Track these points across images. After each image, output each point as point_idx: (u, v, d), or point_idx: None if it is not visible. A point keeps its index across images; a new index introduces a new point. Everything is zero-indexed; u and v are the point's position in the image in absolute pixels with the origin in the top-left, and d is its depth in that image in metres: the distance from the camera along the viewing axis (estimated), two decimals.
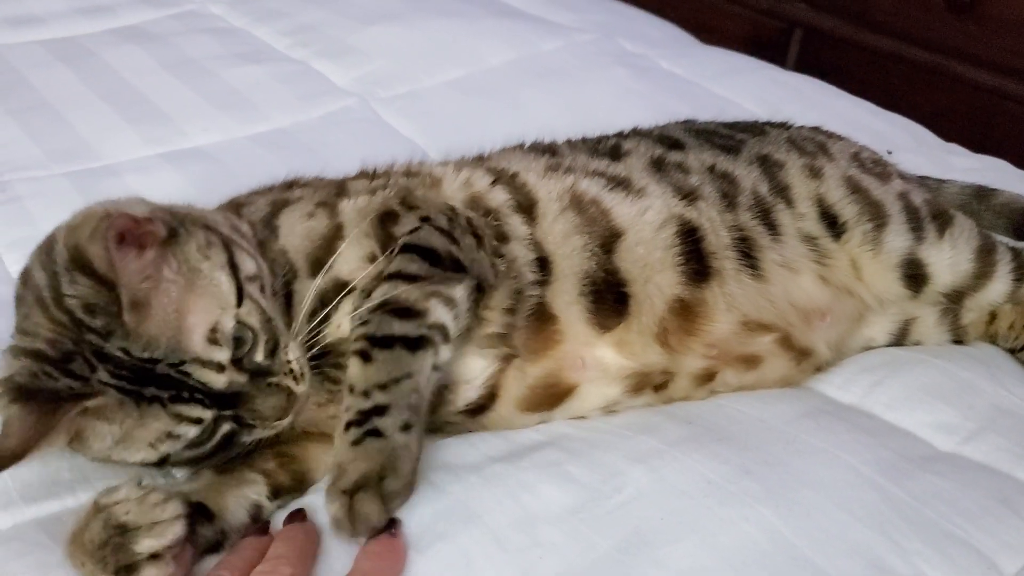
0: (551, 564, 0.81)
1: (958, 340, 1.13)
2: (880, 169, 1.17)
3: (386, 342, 0.85)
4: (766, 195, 1.08)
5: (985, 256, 1.11)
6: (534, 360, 0.97)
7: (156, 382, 0.81)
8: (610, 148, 1.14)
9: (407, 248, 0.93)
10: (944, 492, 0.88)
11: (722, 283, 1.01)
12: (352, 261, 0.93)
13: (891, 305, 1.10)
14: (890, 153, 1.37)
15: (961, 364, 1.06)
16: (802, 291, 1.05)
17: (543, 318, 0.97)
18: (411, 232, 0.94)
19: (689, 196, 1.05)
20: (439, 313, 0.89)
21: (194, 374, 0.81)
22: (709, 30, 2.15)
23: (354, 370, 0.85)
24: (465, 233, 0.96)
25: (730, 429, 0.95)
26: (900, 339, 1.12)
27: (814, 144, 1.17)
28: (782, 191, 1.09)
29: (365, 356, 0.85)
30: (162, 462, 0.86)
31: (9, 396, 0.79)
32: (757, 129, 1.21)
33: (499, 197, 1.03)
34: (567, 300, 0.98)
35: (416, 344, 0.86)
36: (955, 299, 1.11)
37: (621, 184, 1.06)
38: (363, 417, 0.82)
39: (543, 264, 0.99)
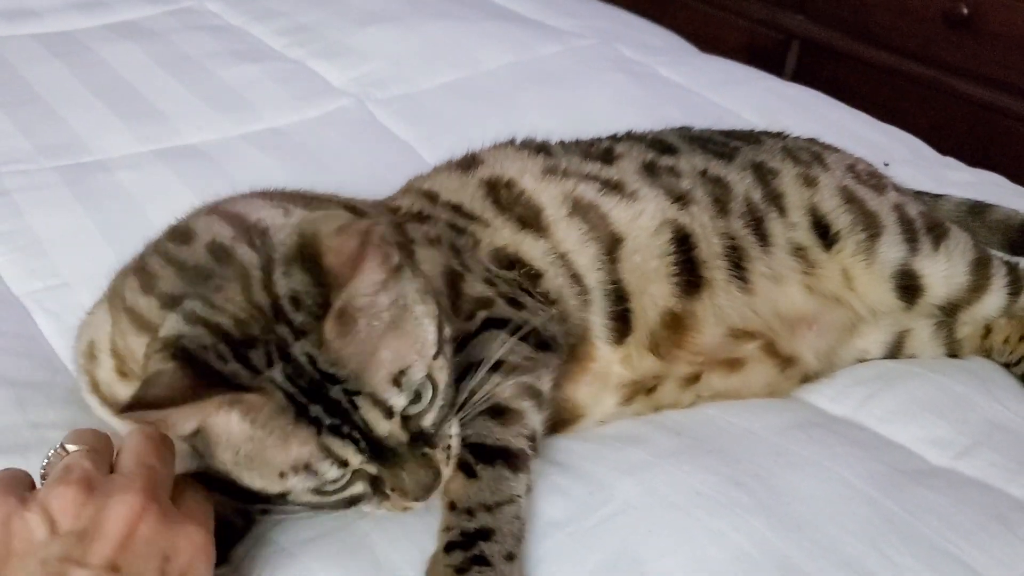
0: None
1: (953, 354, 1.12)
2: (875, 181, 1.17)
3: (489, 456, 0.80)
4: (759, 202, 1.07)
5: (981, 269, 1.10)
6: (557, 389, 0.94)
7: (324, 403, 0.72)
8: (602, 151, 1.13)
9: (489, 325, 0.87)
10: (937, 507, 0.87)
11: (712, 295, 1.00)
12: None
13: (884, 316, 1.10)
14: (887, 165, 1.36)
15: (956, 378, 1.05)
16: (788, 300, 1.04)
17: (582, 347, 0.96)
18: (482, 302, 0.89)
19: (681, 200, 1.04)
20: (531, 417, 0.85)
21: (362, 410, 0.73)
22: (706, 40, 2.15)
23: (456, 484, 0.79)
24: (526, 297, 0.93)
25: (719, 441, 0.94)
26: (894, 352, 1.11)
27: (809, 154, 1.16)
28: (775, 199, 1.08)
29: (468, 471, 0.79)
30: (275, 499, 0.77)
31: (171, 353, 0.71)
32: (752, 138, 1.21)
33: (506, 234, 0.99)
34: (599, 321, 0.96)
35: (516, 460, 0.81)
36: (950, 312, 1.10)
37: (614, 188, 1.05)
38: (468, 540, 0.76)
39: (578, 280, 0.97)
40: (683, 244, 1.01)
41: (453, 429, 0.80)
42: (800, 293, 1.05)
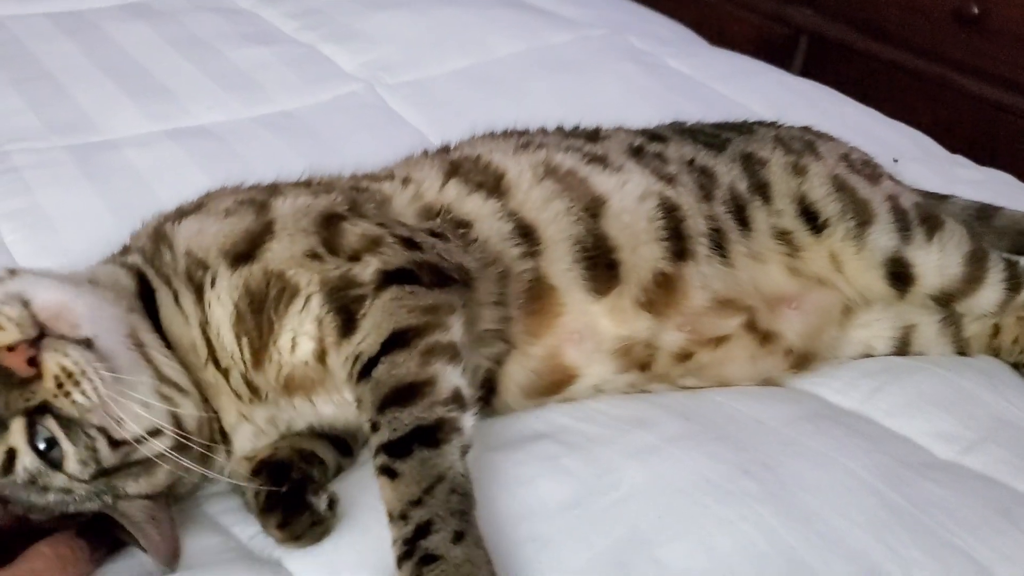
0: (546, 560, 0.81)
1: (961, 352, 1.13)
2: (870, 171, 1.18)
3: (404, 446, 0.79)
4: (743, 192, 1.09)
5: (976, 262, 1.10)
6: (535, 340, 0.96)
7: None
8: (588, 132, 1.15)
9: (385, 280, 0.87)
10: (943, 501, 0.88)
11: (697, 264, 1.02)
12: (285, 255, 0.88)
13: (880, 305, 1.10)
14: (896, 161, 1.37)
15: (963, 374, 1.05)
16: (769, 279, 1.06)
17: (541, 292, 0.97)
18: (372, 250, 0.89)
19: (667, 179, 1.06)
20: (447, 377, 0.83)
21: None
22: (715, 33, 2.14)
23: (385, 493, 0.79)
24: (425, 236, 0.94)
25: (728, 428, 0.94)
26: (902, 348, 1.12)
27: (802, 143, 1.17)
28: (760, 188, 1.10)
29: (389, 472, 0.79)
30: None
31: None
32: (745, 128, 1.22)
33: (451, 192, 1.01)
34: (563, 267, 0.98)
35: (435, 433, 0.80)
36: (945, 303, 1.10)
37: (598, 160, 1.07)
38: (411, 546, 0.75)
39: (527, 233, 0.98)
40: (671, 213, 1.03)
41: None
42: (781, 273, 1.07)
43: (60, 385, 0.78)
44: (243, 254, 0.89)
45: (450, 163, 1.05)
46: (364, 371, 0.84)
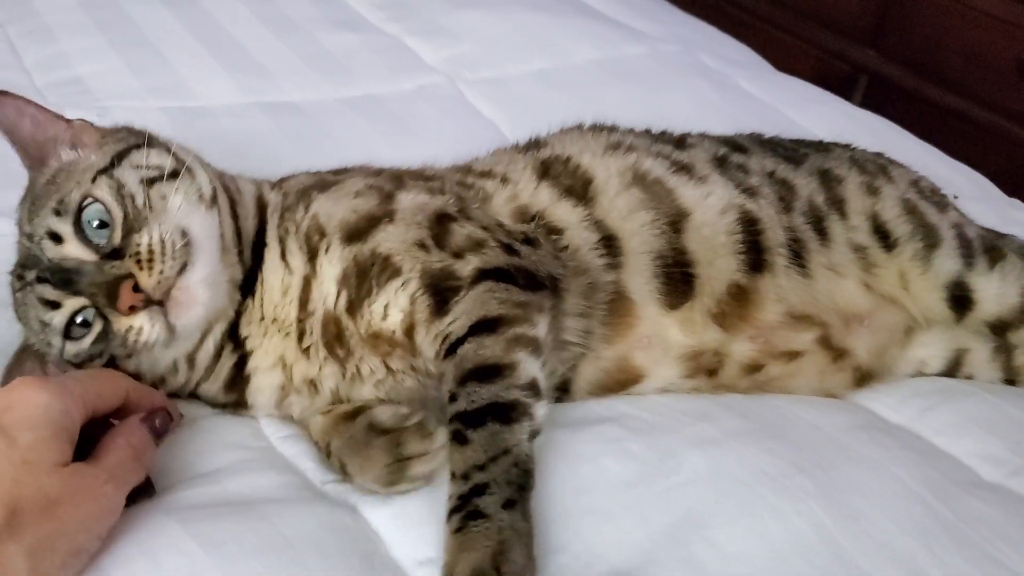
0: (604, 532, 0.85)
1: (1010, 380, 1.15)
2: (938, 199, 1.22)
3: (478, 417, 0.83)
4: (821, 204, 1.12)
5: None
6: (608, 346, 1.00)
7: (30, 262, 0.89)
8: (675, 139, 1.18)
9: (482, 276, 0.93)
10: (988, 517, 0.91)
11: (774, 276, 1.05)
12: (396, 241, 0.95)
13: (938, 327, 1.13)
14: (956, 198, 1.40)
15: (1013, 402, 1.08)
16: (844, 294, 1.09)
17: (620, 305, 1.00)
18: (475, 251, 0.95)
19: (748, 191, 1.09)
20: (527, 366, 0.88)
21: (42, 246, 0.87)
22: (776, 65, 2.16)
23: (453, 456, 0.83)
24: (522, 244, 0.99)
25: (785, 429, 0.98)
26: (952, 369, 1.15)
27: (875, 166, 1.21)
28: (837, 203, 1.13)
29: (460, 438, 0.83)
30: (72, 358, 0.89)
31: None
32: (822, 147, 1.26)
33: (543, 196, 1.05)
34: (641, 281, 1.01)
35: (508, 412, 0.84)
36: (999, 331, 1.13)
37: (684, 169, 1.10)
38: (463, 501, 0.79)
39: (610, 243, 1.02)
40: (751, 226, 1.06)
41: (147, 237, 0.86)
42: (858, 289, 1.10)
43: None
44: (359, 232, 0.95)
45: (541, 163, 1.09)
46: (451, 349, 0.90)
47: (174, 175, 0.91)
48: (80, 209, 0.87)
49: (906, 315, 1.12)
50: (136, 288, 0.85)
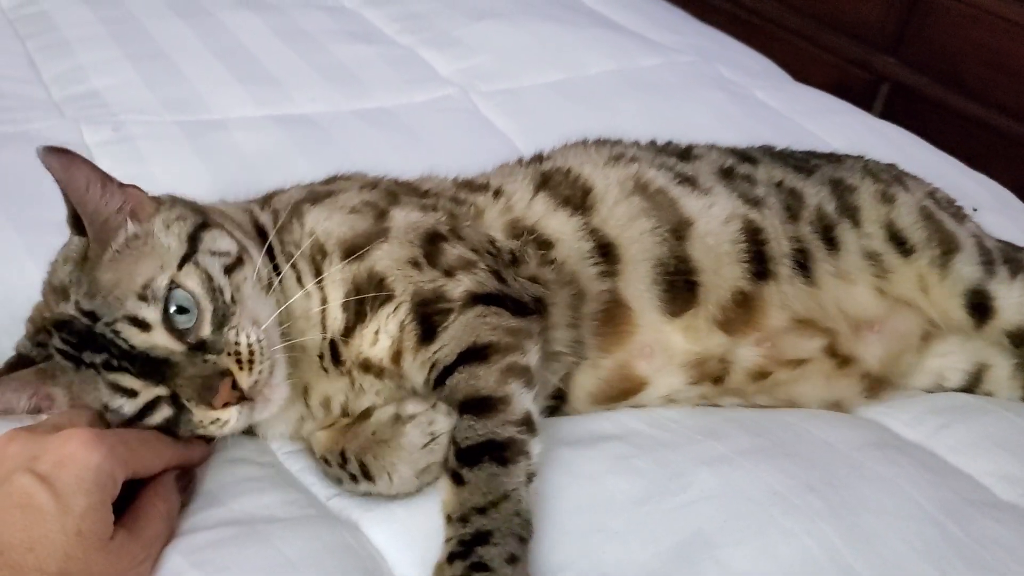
0: (611, 550, 0.84)
1: None
2: (955, 210, 1.20)
3: (474, 456, 0.83)
4: (831, 213, 1.11)
5: None
6: (606, 354, 1.00)
7: (93, 345, 0.83)
8: (680, 150, 1.18)
9: (473, 301, 0.92)
10: (1002, 539, 0.89)
11: (778, 283, 1.05)
12: (390, 259, 0.94)
13: (955, 333, 1.11)
14: (976, 211, 1.38)
15: None
16: (855, 300, 1.08)
17: (616, 313, 1.00)
18: (466, 269, 0.94)
19: (753, 202, 1.09)
20: (521, 400, 0.86)
21: (123, 333, 0.82)
22: (796, 74, 2.16)
23: (447, 495, 0.83)
24: (508, 267, 0.98)
25: (797, 446, 0.97)
26: (972, 384, 1.13)
27: (890, 175, 1.20)
28: (849, 211, 1.12)
29: (456, 478, 0.82)
30: None
31: (10, 363, 0.88)
32: (834, 158, 1.25)
33: (538, 207, 1.05)
34: (640, 288, 1.01)
35: (504, 451, 0.83)
36: (1020, 343, 1.11)
37: (688, 181, 1.09)
38: (466, 548, 0.78)
39: (607, 251, 1.01)
40: (754, 235, 1.06)
41: (245, 336, 0.85)
42: (869, 294, 1.09)
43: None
44: (356, 250, 0.95)
45: (541, 175, 1.09)
46: (440, 379, 0.89)
47: (239, 261, 0.90)
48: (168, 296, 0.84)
49: (923, 319, 1.10)
50: (233, 385, 0.84)
